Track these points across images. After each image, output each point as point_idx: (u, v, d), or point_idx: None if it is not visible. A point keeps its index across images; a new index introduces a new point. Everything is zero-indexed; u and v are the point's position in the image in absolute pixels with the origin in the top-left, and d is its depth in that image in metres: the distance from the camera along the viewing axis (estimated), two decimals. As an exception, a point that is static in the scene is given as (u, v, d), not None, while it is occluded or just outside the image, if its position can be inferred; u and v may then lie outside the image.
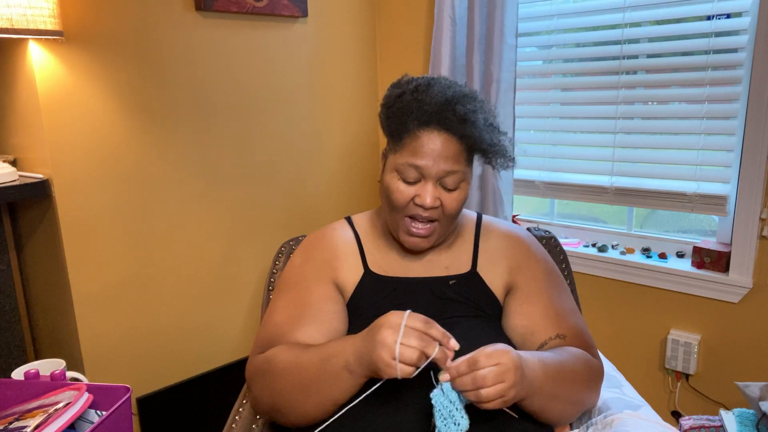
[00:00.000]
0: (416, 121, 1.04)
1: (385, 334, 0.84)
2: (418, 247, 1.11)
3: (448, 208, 1.07)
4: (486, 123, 1.06)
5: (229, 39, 1.88)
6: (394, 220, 1.11)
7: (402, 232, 1.10)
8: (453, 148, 1.04)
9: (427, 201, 1.04)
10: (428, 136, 1.03)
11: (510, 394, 0.85)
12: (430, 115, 1.03)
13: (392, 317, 0.86)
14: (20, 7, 1.33)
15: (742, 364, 1.78)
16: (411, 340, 0.83)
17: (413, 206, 1.06)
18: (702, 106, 1.77)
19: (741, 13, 1.68)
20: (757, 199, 1.68)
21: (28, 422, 0.85)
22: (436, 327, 0.86)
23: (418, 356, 0.83)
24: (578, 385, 1.04)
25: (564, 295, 1.16)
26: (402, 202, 1.06)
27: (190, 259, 1.88)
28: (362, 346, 0.89)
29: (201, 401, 1.93)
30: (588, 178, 2.02)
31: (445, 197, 1.06)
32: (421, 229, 1.08)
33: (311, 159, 2.19)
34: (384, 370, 0.84)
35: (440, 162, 1.03)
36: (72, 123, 1.58)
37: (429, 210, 1.05)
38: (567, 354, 1.04)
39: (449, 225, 1.12)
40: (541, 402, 0.95)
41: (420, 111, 1.03)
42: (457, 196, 1.07)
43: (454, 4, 1.98)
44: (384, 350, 0.83)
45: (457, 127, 1.03)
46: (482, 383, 0.83)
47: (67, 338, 1.70)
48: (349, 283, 1.14)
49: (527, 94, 2.12)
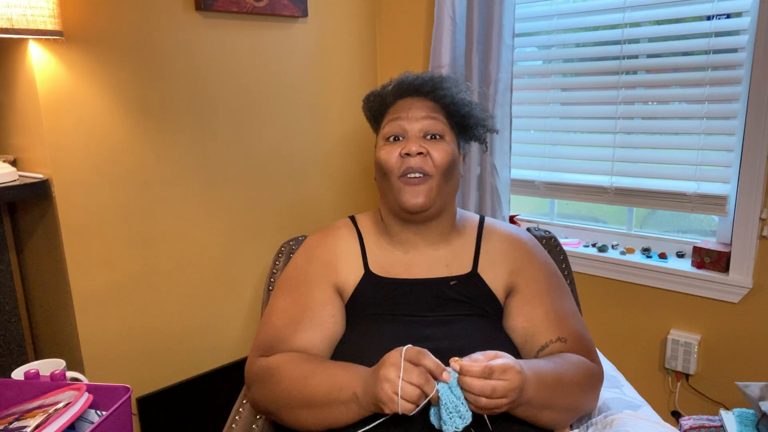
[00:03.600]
0: (392, 95, 1.18)
1: (389, 371, 0.87)
2: (417, 205, 1.09)
3: (437, 158, 1.10)
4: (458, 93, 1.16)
5: (229, 39, 1.88)
6: (391, 188, 1.12)
7: (399, 193, 1.10)
8: (429, 104, 1.15)
9: (413, 148, 1.09)
10: (404, 101, 1.16)
11: (502, 409, 0.89)
12: (405, 88, 1.17)
13: (394, 355, 0.89)
14: (20, 7, 1.33)
15: (742, 364, 1.78)
16: (412, 377, 0.85)
17: (403, 161, 1.10)
18: (702, 106, 1.77)
19: (741, 13, 1.68)
20: (757, 199, 1.68)
21: (28, 422, 0.85)
22: (430, 357, 0.88)
23: (419, 394, 0.85)
24: (573, 394, 1.03)
25: (565, 299, 1.16)
26: (392, 161, 1.11)
27: (190, 259, 1.88)
28: (369, 380, 0.91)
29: (201, 401, 1.93)
30: (588, 178, 2.02)
31: (431, 147, 1.10)
32: (415, 179, 1.09)
33: (311, 159, 2.19)
34: (387, 405, 0.86)
35: (419, 112, 1.13)
36: (72, 123, 1.58)
37: (417, 157, 1.09)
38: (565, 362, 1.03)
39: (443, 182, 1.11)
40: (527, 412, 0.96)
41: (395, 87, 1.18)
42: (444, 146, 1.11)
43: (455, 4, 1.98)
44: (387, 385, 0.86)
45: (429, 89, 1.15)
46: (489, 394, 0.86)
47: (67, 338, 1.70)
48: (348, 284, 1.15)
49: (527, 94, 2.12)
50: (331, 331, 1.10)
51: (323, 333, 1.09)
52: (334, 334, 1.10)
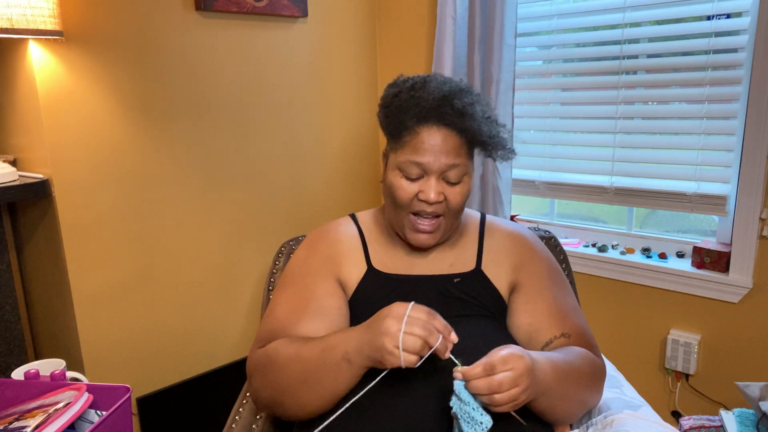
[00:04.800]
0: (414, 118, 1.04)
1: (389, 323, 0.85)
2: (424, 244, 1.10)
3: (453, 202, 1.07)
4: (484, 115, 1.07)
5: (229, 39, 1.88)
6: (399, 219, 1.10)
7: (408, 230, 1.10)
8: (453, 142, 1.04)
9: (431, 196, 1.04)
10: (428, 132, 1.04)
11: (522, 398, 0.86)
12: (428, 111, 1.03)
13: (396, 308, 0.87)
14: (20, 7, 1.33)
15: (742, 364, 1.78)
16: (414, 329, 0.84)
17: (417, 202, 1.06)
18: (702, 106, 1.77)
19: (741, 13, 1.68)
20: (757, 199, 1.68)
21: (28, 422, 0.85)
22: (439, 319, 0.87)
23: (421, 345, 0.83)
24: (584, 385, 1.04)
25: (567, 294, 1.16)
26: (406, 200, 1.07)
27: (190, 259, 1.88)
28: (364, 336, 0.89)
29: (201, 401, 1.93)
30: (588, 178, 2.02)
31: (448, 191, 1.06)
32: (426, 225, 1.08)
33: (311, 159, 2.19)
34: (387, 359, 0.84)
35: (441, 157, 1.04)
36: (72, 123, 1.58)
37: (433, 205, 1.05)
38: (573, 354, 1.04)
39: (454, 220, 1.12)
40: (550, 402, 0.95)
41: (418, 108, 1.04)
42: (461, 190, 1.07)
43: (456, 4, 1.98)
44: (387, 339, 0.84)
45: (456, 121, 1.03)
46: (497, 389, 0.84)
47: (67, 338, 1.70)
48: (351, 280, 1.14)
49: (527, 94, 2.12)
50: (336, 323, 1.07)
51: (328, 323, 1.06)
52: (339, 326, 1.07)
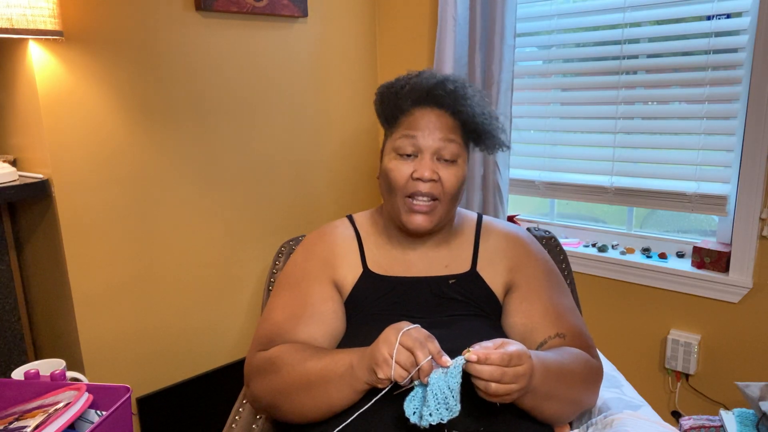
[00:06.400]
0: (409, 100, 1.08)
1: (389, 333, 0.88)
2: (420, 227, 1.09)
3: (447, 184, 1.07)
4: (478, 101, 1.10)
5: (229, 39, 1.88)
6: (395, 203, 1.10)
7: (403, 213, 1.09)
8: (447, 121, 1.07)
9: (425, 174, 1.05)
10: (422, 112, 1.08)
11: (513, 396, 0.87)
12: (422, 93, 1.07)
13: (400, 323, 0.89)
14: (20, 7, 1.33)
15: (742, 364, 1.78)
16: (407, 342, 0.85)
17: (412, 183, 1.07)
18: (702, 106, 1.77)
19: (741, 13, 1.68)
20: (757, 199, 1.68)
21: (28, 422, 0.85)
22: (435, 343, 0.87)
23: (411, 362, 0.85)
24: (576, 386, 1.03)
25: (563, 295, 1.16)
26: (401, 181, 1.07)
27: (190, 259, 1.88)
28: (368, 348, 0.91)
29: (201, 401, 1.93)
30: (588, 178, 2.02)
31: (443, 172, 1.07)
32: (422, 205, 1.07)
33: (311, 159, 2.19)
34: (381, 367, 0.86)
35: (435, 132, 1.06)
36: (72, 123, 1.58)
37: (428, 183, 1.06)
38: (566, 354, 1.04)
39: (450, 206, 1.11)
40: (535, 401, 0.95)
41: (413, 91, 1.08)
42: (455, 171, 1.08)
43: (457, 4, 1.98)
44: (384, 346, 0.87)
45: (450, 103, 1.07)
46: (499, 378, 0.84)
47: (67, 338, 1.70)
48: (347, 282, 1.14)
49: (527, 94, 2.12)
50: (333, 327, 1.09)
51: (324, 328, 1.08)
52: (336, 330, 1.10)
